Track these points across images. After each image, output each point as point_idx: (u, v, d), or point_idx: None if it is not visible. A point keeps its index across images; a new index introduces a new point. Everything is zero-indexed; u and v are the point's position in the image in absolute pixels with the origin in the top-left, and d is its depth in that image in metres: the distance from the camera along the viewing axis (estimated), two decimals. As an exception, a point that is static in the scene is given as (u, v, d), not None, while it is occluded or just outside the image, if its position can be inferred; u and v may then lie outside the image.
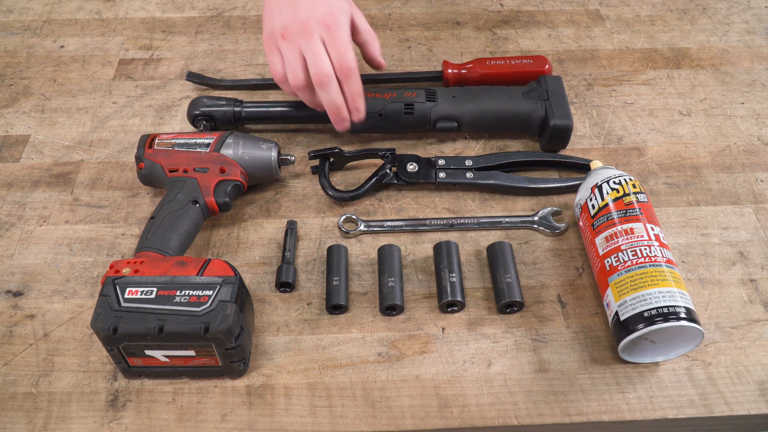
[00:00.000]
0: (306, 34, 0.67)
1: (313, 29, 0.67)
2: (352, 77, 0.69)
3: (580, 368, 0.62)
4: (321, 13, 0.68)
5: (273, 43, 0.70)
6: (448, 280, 0.66)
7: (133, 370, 0.60)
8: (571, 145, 0.81)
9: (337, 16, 0.69)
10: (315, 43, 0.67)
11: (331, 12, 0.68)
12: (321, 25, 0.68)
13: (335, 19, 0.68)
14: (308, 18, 0.68)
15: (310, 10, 0.68)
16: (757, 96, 0.88)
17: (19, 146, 0.81)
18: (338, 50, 0.68)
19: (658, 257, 0.61)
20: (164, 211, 0.66)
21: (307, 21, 0.68)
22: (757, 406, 0.60)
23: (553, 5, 1.01)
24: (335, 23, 0.68)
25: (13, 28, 0.97)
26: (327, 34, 0.68)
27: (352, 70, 0.69)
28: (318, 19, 0.68)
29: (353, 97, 0.70)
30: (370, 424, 0.59)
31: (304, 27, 0.67)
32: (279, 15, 0.69)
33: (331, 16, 0.68)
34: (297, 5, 0.69)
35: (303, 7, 0.68)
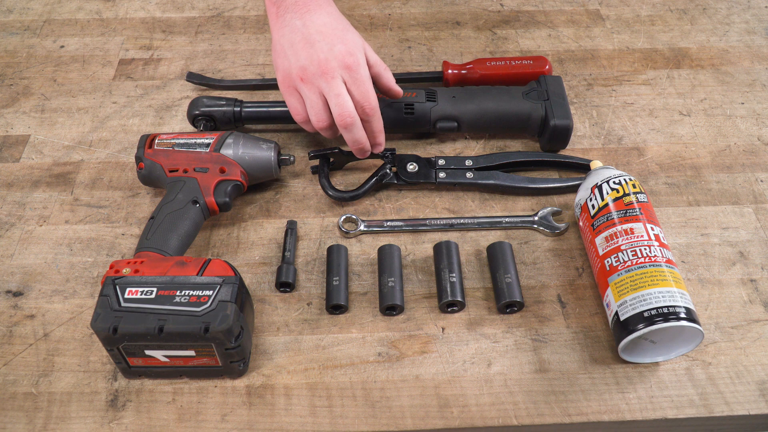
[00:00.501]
0: (327, 75, 0.67)
1: (334, 70, 0.67)
2: (375, 116, 0.70)
3: (580, 368, 0.62)
4: (340, 52, 0.67)
5: (290, 84, 0.70)
6: (448, 280, 0.66)
7: (133, 370, 0.60)
8: (571, 145, 0.81)
9: (357, 56, 0.68)
10: (337, 84, 0.67)
11: (349, 51, 0.68)
12: (342, 66, 0.67)
13: (355, 59, 0.68)
14: (327, 59, 0.67)
15: (328, 50, 0.67)
16: (757, 96, 0.88)
17: (19, 146, 0.81)
18: (361, 91, 0.68)
19: (658, 257, 0.61)
20: (164, 211, 0.66)
21: (326, 62, 0.67)
22: (757, 406, 0.60)
23: (553, 5, 1.01)
24: (356, 63, 0.67)
25: (13, 28, 0.97)
26: (348, 74, 0.67)
27: (375, 109, 0.69)
28: (338, 59, 0.67)
29: (375, 134, 0.72)
30: (370, 424, 0.59)
31: (324, 68, 0.66)
32: (294, 55, 0.68)
33: (351, 56, 0.67)
34: (313, 45, 0.67)
35: (320, 47, 0.67)
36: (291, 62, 0.68)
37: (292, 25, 0.69)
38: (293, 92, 0.70)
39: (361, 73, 0.68)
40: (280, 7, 0.70)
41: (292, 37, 0.69)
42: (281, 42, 0.70)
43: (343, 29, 0.70)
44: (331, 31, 0.69)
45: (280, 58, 0.70)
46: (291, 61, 0.68)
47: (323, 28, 0.68)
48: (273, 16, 0.71)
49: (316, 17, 0.69)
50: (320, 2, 0.71)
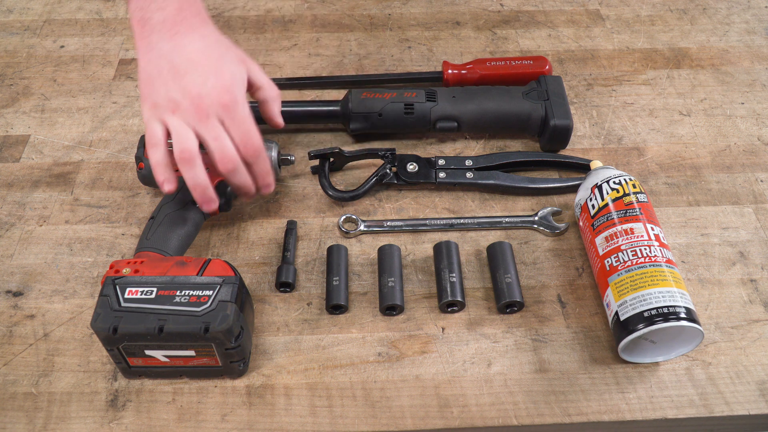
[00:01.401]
0: (201, 115, 0.60)
1: (209, 110, 0.60)
2: (260, 157, 0.63)
3: (580, 368, 0.62)
4: (213, 88, 0.60)
5: (157, 113, 0.61)
6: (448, 280, 0.66)
7: (133, 370, 0.60)
8: (571, 145, 0.81)
9: (234, 92, 0.61)
10: (213, 126, 0.60)
11: (225, 87, 0.60)
12: (217, 104, 0.60)
13: (232, 96, 0.61)
14: (200, 95, 0.59)
15: (201, 84, 0.60)
16: (757, 96, 0.88)
17: (19, 146, 0.81)
18: (241, 131, 0.61)
19: (658, 257, 0.61)
20: (164, 211, 0.66)
21: (200, 99, 0.59)
22: (757, 406, 0.60)
23: (553, 5, 1.01)
24: (232, 101, 0.60)
25: (13, 28, 0.97)
26: (226, 114, 0.60)
27: (259, 150, 0.63)
28: (212, 97, 0.60)
29: (263, 175, 0.65)
30: (370, 424, 0.59)
31: (198, 107, 0.59)
32: (163, 86, 0.60)
33: (227, 93, 0.60)
34: (183, 76, 0.60)
35: (191, 80, 0.60)
36: (160, 93, 0.60)
37: (160, 50, 0.61)
38: (158, 123, 0.61)
39: (238, 111, 0.61)
40: (145, 27, 0.61)
41: (159, 65, 0.60)
42: (147, 69, 0.61)
43: (218, 57, 0.62)
44: (204, 59, 0.61)
45: (147, 87, 0.61)
46: (160, 92, 0.60)
47: (195, 55, 0.61)
48: (138, 37, 0.62)
49: (187, 41, 0.61)
50: (192, 23, 0.62)
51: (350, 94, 0.80)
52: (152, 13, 0.61)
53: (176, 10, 0.62)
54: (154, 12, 0.61)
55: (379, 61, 0.92)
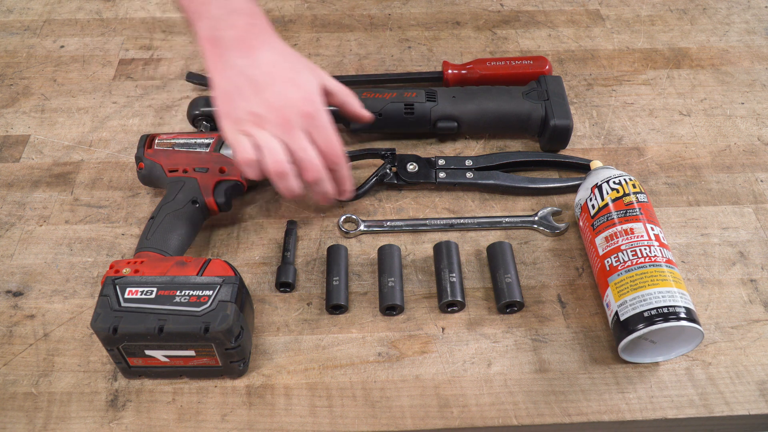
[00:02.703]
0: (287, 126, 0.61)
1: (294, 121, 0.61)
2: (341, 163, 0.65)
3: (580, 368, 0.62)
4: (296, 100, 0.61)
5: (238, 127, 0.62)
6: (448, 280, 0.66)
7: (133, 370, 0.60)
8: (571, 145, 0.81)
9: (314, 101, 0.62)
10: (300, 137, 0.61)
11: (306, 97, 0.62)
12: (300, 115, 0.61)
13: (314, 106, 0.62)
14: (283, 107, 0.61)
15: (283, 96, 0.61)
16: (757, 96, 0.88)
17: (19, 146, 0.81)
18: (325, 139, 0.63)
19: (658, 257, 0.61)
20: (164, 211, 0.66)
21: (283, 110, 0.61)
22: (757, 406, 0.60)
23: (553, 5, 1.01)
24: (315, 111, 0.62)
25: (13, 28, 0.97)
26: (310, 123, 0.62)
27: (341, 157, 0.64)
28: (296, 108, 0.61)
29: (343, 180, 0.67)
30: (370, 424, 0.59)
31: (283, 118, 0.61)
32: (244, 100, 0.62)
33: (309, 104, 0.62)
34: (263, 90, 0.61)
35: (272, 93, 0.61)
36: (239, 107, 0.62)
37: (235, 66, 0.62)
38: (243, 135, 0.62)
39: (322, 120, 0.62)
40: (219, 46, 0.63)
41: (237, 80, 0.62)
42: (224, 85, 0.63)
43: (292, 68, 0.64)
44: (281, 72, 0.63)
45: (226, 104, 0.63)
46: (240, 106, 0.62)
47: (271, 68, 0.62)
48: (212, 56, 0.64)
49: (262, 55, 0.63)
50: (263, 38, 0.64)
51: (350, 94, 0.80)
52: (223, 32, 0.63)
53: (247, 26, 0.64)
54: (225, 30, 0.63)
55: (379, 61, 0.92)
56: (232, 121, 0.63)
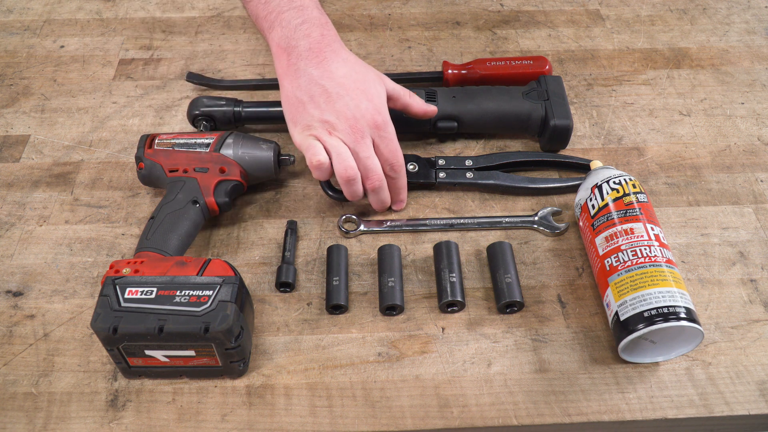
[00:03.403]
0: (358, 134, 0.65)
1: (364, 130, 0.65)
2: (401, 173, 0.69)
3: (580, 368, 0.62)
4: (367, 111, 0.65)
5: (311, 133, 0.66)
6: (448, 280, 0.66)
7: (133, 370, 0.60)
8: (571, 145, 0.81)
9: (384, 113, 0.67)
10: (367, 146, 0.66)
11: (377, 108, 0.66)
12: (371, 125, 0.65)
13: (383, 117, 0.66)
14: (355, 117, 0.65)
15: (355, 107, 0.65)
16: (757, 96, 0.88)
17: (19, 146, 0.81)
18: (390, 149, 0.67)
19: (658, 257, 0.61)
20: (164, 211, 0.66)
21: (355, 120, 0.65)
22: (757, 406, 0.60)
23: (553, 5, 1.01)
24: (383, 122, 0.66)
25: (13, 28, 0.97)
26: (377, 133, 0.66)
27: (402, 167, 0.69)
28: (366, 118, 0.65)
29: (399, 190, 0.71)
30: (370, 424, 0.59)
31: (354, 128, 0.65)
32: (317, 108, 0.65)
33: (379, 115, 0.66)
34: (336, 100, 0.65)
35: (345, 104, 0.65)
36: (314, 116, 0.65)
37: (309, 75, 0.65)
38: (315, 140, 0.66)
39: (389, 131, 0.67)
40: (291, 55, 0.66)
41: (310, 89, 0.65)
42: (297, 94, 0.66)
43: (363, 80, 0.67)
44: (352, 84, 0.66)
45: (297, 111, 0.66)
46: (313, 115, 0.65)
47: (344, 80, 0.66)
48: (284, 63, 0.67)
49: (334, 67, 0.66)
50: (334, 48, 0.67)
51: (350, 94, 0.80)
52: (298, 41, 0.66)
53: (320, 37, 0.67)
54: (299, 40, 0.66)
55: (379, 61, 0.92)
56: (302, 127, 0.66)
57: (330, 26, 0.69)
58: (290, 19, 0.66)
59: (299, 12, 0.67)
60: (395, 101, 0.72)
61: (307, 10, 0.67)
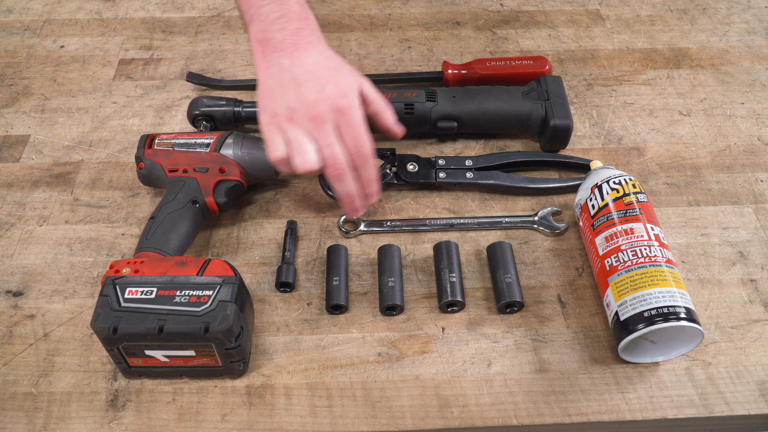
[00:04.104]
0: (317, 119, 0.62)
1: (325, 114, 0.62)
2: (368, 163, 0.64)
3: (580, 368, 0.62)
4: (331, 94, 0.62)
5: (275, 123, 0.64)
6: (448, 280, 0.66)
7: (133, 370, 0.60)
8: (571, 145, 0.81)
9: (349, 97, 0.63)
10: (327, 130, 0.62)
11: (341, 93, 0.63)
12: (333, 109, 0.62)
13: (348, 100, 0.63)
14: (317, 101, 0.62)
15: (318, 91, 0.62)
16: (757, 96, 0.88)
17: (19, 146, 0.81)
18: (353, 136, 0.63)
19: (658, 257, 0.61)
20: (164, 211, 0.66)
21: (316, 104, 0.62)
22: (757, 406, 0.60)
23: (553, 5, 1.01)
24: (348, 106, 0.62)
25: (13, 28, 0.97)
26: (341, 119, 0.62)
27: (368, 156, 0.64)
28: (329, 102, 0.62)
29: (368, 182, 0.66)
30: (370, 424, 0.59)
31: (314, 112, 0.62)
32: (282, 96, 0.63)
33: (343, 98, 0.62)
34: (301, 85, 0.63)
35: (309, 88, 0.62)
36: (278, 103, 0.63)
37: (280, 65, 0.64)
38: (276, 131, 0.64)
39: (354, 117, 0.63)
40: (266, 47, 0.65)
41: (280, 77, 0.64)
42: (268, 82, 0.65)
43: (334, 68, 0.65)
44: (321, 70, 0.64)
45: (266, 99, 0.65)
46: (278, 102, 0.63)
47: (313, 67, 0.64)
48: (259, 55, 0.66)
49: (306, 56, 0.64)
50: (310, 40, 0.66)
51: (350, 94, 0.80)
52: (273, 34, 0.65)
53: (296, 29, 0.65)
54: (275, 32, 0.65)
55: (379, 61, 0.92)
56: (268, 116, 0.65)
57: (310, 21, 0.67)
58: (268, 13, 0.65)
59: (278, 6, 0.66)
60: (368, 104, 0.67)
61: (287, 4, 0.66)
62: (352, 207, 0.67)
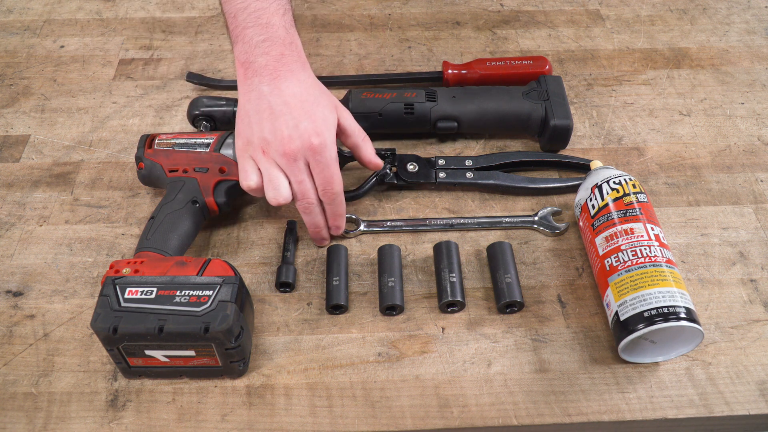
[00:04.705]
0: (289, 156, 0.62)
1: (297, 152, 0.62)
2: (336, 200, 0.66)
3: (580, 368, 0.62)
4: (305, 131, 0.62)
5: (248, 152, 0.65)
6: (448, 280, 0.66)
7: (133, 370, 0.60)
8: (571, 145, 0.81)
9: (324, 136, 0.63)
10: (299, 169, 0.63)
11: (316, 130, 0.63)
12: (305, 147, 0.62)
13: (321, 140, 0.63)
14: (291, 137, 0.62)
15: (293, 126, 0.62)
16: (757, 96, 0.88)
17: (19, 146, 0.81)
18: (324, 176, 0.64)
19: (658, 257, 0.61)
20: (164, 211, 0.66)
21: (290, 140, 0.62)
22: (757, 406, 0.60)
23: (553, 5, 1.01)
24: (321, 145, 0.62)
25: (13, 28, 0.97)
26: (312, 157, 0.63)
27: (337, 194, 0.65)
28: (302, 139, 0.62)
29: (335, 216, 0.68)
30: (370, 424, 0.59)
31: (287, 148, 0.62)
32: (258, 124, 0.64)
33: (317, 137, 0.62)
34: (277, 117, 0.63)
35: (284, 122, 0.62)
36: (254, 131, 0.64)
37: (259, 91, 0.64)
38: (249, 160, 0.65)
39: (325, 156, 0.63)
40: (248, 70, 0.65)
41: (258, 104, 0.64)
42: (246, 107, 0.65)
43: (313, 101, 0.65)
44: (298, 103, 0.64)
45: (242, 125, 0.65)
46: (254, 130, 0.64)
47: (291, 99, 0.64)
48: (241, 77, 0.67)
49: (285, 85, 0.64)
50: (292, 68, 0.65)
51: (350, 94, 0.80)
52: (256, 57, 0.65)
53: (278, 55, 0.65)
54: (258, 56, 0.65)
55: (379, 61, 0.92)
56: (243, 143, 0.65)
57: (295, 47, 0.67)
58: (252, 36, 0.65)
59: (263, 29, 0.66)
60: (347, 137, 0.69)
61: (272, 28, 0.66)
62: (319, 237, 0.70)
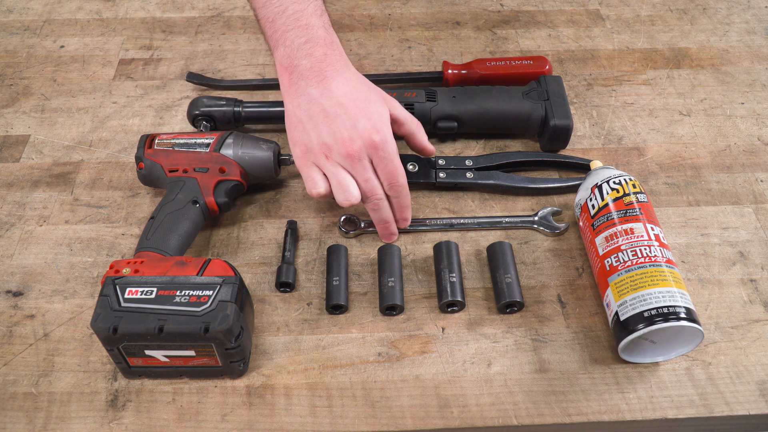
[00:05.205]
0: (353, 157, 0.63)
1: (360, 151, 0.63)
2: (402, 192, 0.67)
3: (580, 368, 0.62)
4: (364, 129, 0.63)
5: (310, 159, 0.65)
6: (448, 280, 0.66)
7: (133, 370, 0.60)
8: (571, 145, 0.81)
9: (383, 132, 0.64)
10: (364, 168, 0.64)
11: (375, 127, 0.63)
12: (367, 145, 0.63)
13: (382, 136, 0.63)
14: (351, 137, 0.63)
15: (351, 127, 0.63)
16: (757, 96, 0.88)
17: (19, 146, 0.81)
18: (389, 170, 0.65)
19: (658, 257, 0.61)
20: (164, 211, 0.66)
21: (351, 141, 0.63)
22: (757, 406, 0.60)
23: (553, 5, 1.01)
24: (382, 141, 0.63)
25: (13, 28, 0.97)
26: (375, 153, 0.64)
27: (403, 186, 0.67)
28: (363, 138, 0.63)
29: (402, 209, 0.69)
30: (370, 424, 0.59)
31: (350, 149, 0.63)
32: (314, 129, 0.64)
33: (376, 133, 0.63)
34: (334, 120, 0.63)
35: (342, 123, 0.63)
36: (311, 137, 0.64)
37: (309, 95, 0.64)
38: (313, 167, 0.65)
39: (388, 151, 0.64)
40: (293, 74, 0.65)
41: (309, 109, 0.64)
42: (297, 113, 0.65)
43: (364, 98, 0.65)
44: (352, 103, 0.64)
45: (297, 132, 0.65)
46: (311, 136, 0.64)
47: (343, 99, 0.64)
48: (286, 82, 0.66)
49: (334, 86, 0.64)
50: (337, 67, 0.65)
51: (350, 94, 0.80)
52: (300, 60, 0.65)
53: (322, 56, 0.65)
54: (301, 59, 0.65)
55: (379, 61, 0.92)
56: (302, 150, 0.65)
57: (336, 46, 0.67)
58: (294, 39, 0.65)
59: (304, 31, 0.65)
60: (400, 126, 0.70)
61: (312, 29, 0.66)
62: (388, 232, 0.70)
